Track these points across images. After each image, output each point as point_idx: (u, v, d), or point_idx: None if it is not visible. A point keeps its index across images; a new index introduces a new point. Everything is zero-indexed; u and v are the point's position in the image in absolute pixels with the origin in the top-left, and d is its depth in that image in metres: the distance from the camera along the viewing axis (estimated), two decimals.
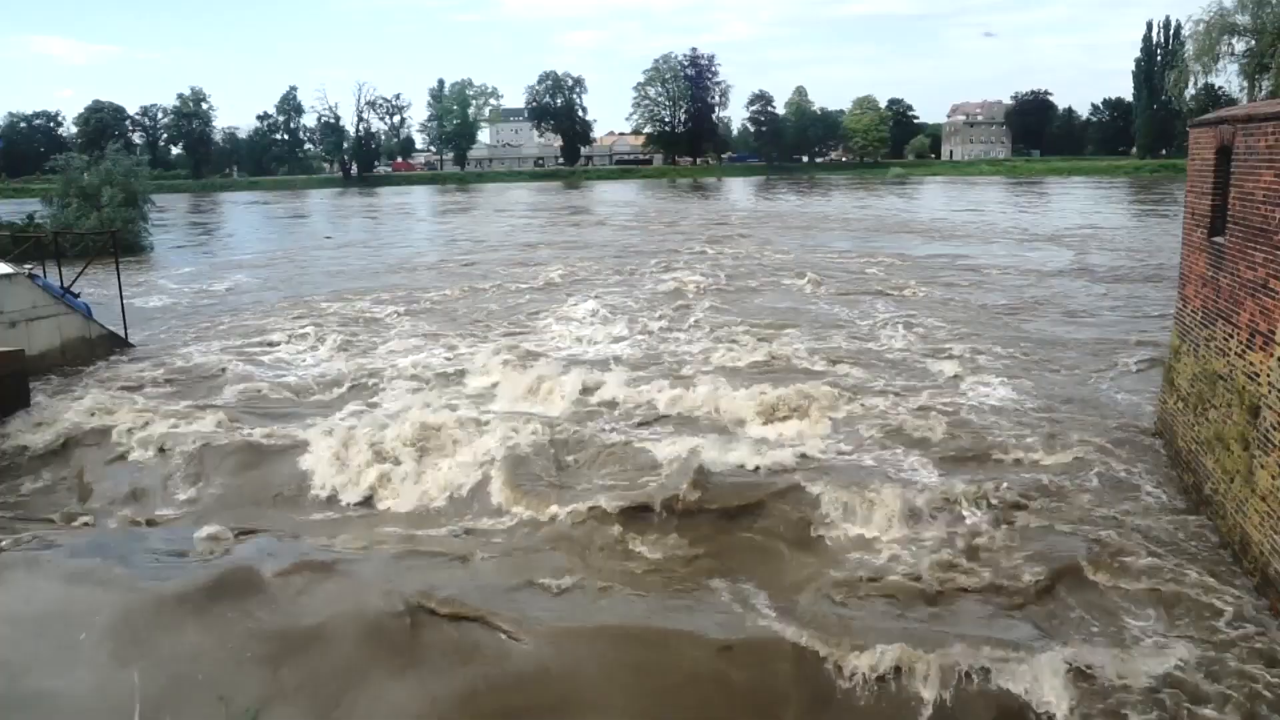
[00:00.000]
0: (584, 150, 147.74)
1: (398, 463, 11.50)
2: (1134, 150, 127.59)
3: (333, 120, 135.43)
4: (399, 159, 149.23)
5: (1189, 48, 41.18)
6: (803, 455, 11.33)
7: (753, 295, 25.01)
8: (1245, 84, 37.39)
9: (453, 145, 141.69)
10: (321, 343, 19.42)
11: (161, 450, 12.41)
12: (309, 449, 12.01)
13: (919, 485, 10.33)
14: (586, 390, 14.70)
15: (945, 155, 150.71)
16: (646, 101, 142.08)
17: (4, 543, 9.75)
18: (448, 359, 17.65)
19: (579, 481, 10.98)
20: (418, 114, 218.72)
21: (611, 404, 14.18)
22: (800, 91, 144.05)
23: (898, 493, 9.85)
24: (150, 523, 10.68)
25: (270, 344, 19.56)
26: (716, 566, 9.02)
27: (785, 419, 13.14)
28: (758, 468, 10.84)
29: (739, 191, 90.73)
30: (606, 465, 11.42)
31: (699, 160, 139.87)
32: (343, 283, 29.33)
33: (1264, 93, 35.04)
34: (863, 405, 13.48)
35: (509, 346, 18.35)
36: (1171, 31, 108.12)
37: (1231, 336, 8.78)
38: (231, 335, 20.51)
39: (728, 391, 14.07)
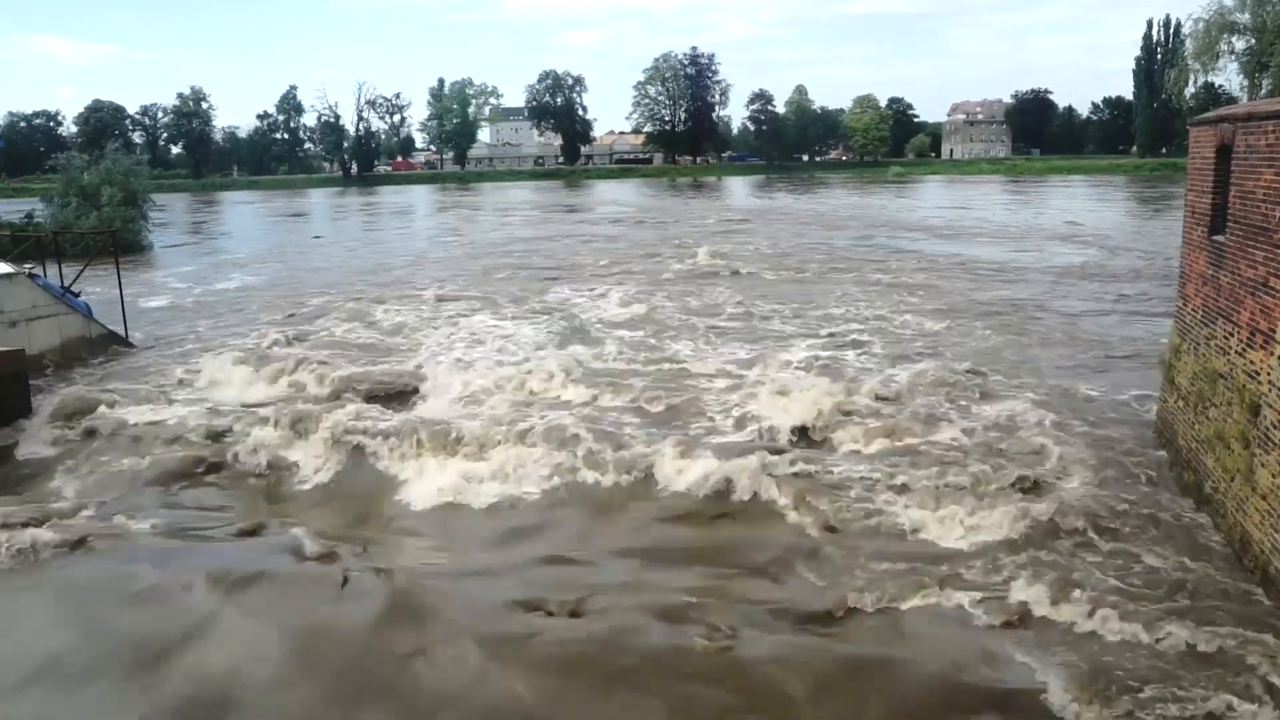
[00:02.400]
0: (584, 149, 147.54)
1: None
2: (1134, 149, 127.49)
3: (333, 120, 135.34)
4: (399, 158, 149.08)
5: (1189, 46, 41.15)
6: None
7: (761, 283, 26.13)
8: (1245, 82, 37.40)
9: (453, 144, 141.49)
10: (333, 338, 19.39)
11: (164, 450, 12.40)
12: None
13: (907, 479, 10.40)
14: None
15: (945, 154, 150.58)
16: (646, 101, 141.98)
17: (9, 549, 9.69)
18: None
19: None
20: (418, 113, 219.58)
21: None
22: (800, 91, 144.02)
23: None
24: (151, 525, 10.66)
25: (275, 340, 19.48)
26: None
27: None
28: None
29: (740, 190, 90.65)
30: None
31: (699, 159, 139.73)
32: (340, 279, 29.33)
33: (1264, 91, 35.03)
34: (858, 401, 13.47)
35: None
36: (1171, 30, 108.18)
37: (1232, 335, 8.78)
38: (233, 333, 20.48)
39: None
